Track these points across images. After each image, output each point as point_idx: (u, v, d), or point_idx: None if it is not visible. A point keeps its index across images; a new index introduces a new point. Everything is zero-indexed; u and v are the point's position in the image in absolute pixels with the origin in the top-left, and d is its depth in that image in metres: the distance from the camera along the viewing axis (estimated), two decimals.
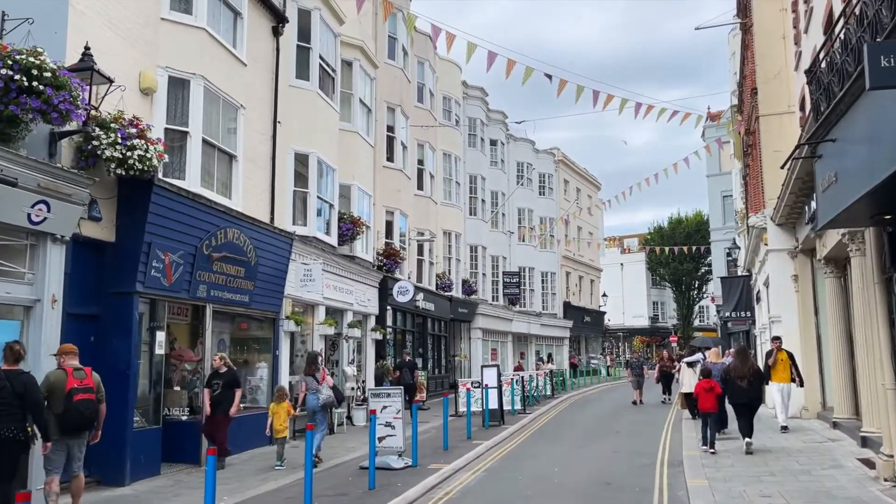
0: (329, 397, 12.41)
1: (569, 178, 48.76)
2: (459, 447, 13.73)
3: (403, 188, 24.25)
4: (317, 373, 12.99)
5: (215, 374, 11.67)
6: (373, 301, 21.12)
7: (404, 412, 11.95)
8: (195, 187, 11.80)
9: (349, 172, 19.48)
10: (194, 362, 12.89)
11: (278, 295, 14.94)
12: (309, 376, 12.64)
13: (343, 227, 18.28)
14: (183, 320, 12.97)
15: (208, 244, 11.98)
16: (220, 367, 11.60)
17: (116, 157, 9.53)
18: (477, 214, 34.64)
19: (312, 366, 12.78)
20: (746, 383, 12.08)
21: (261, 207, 14.77)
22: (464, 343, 33.33)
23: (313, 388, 12.61)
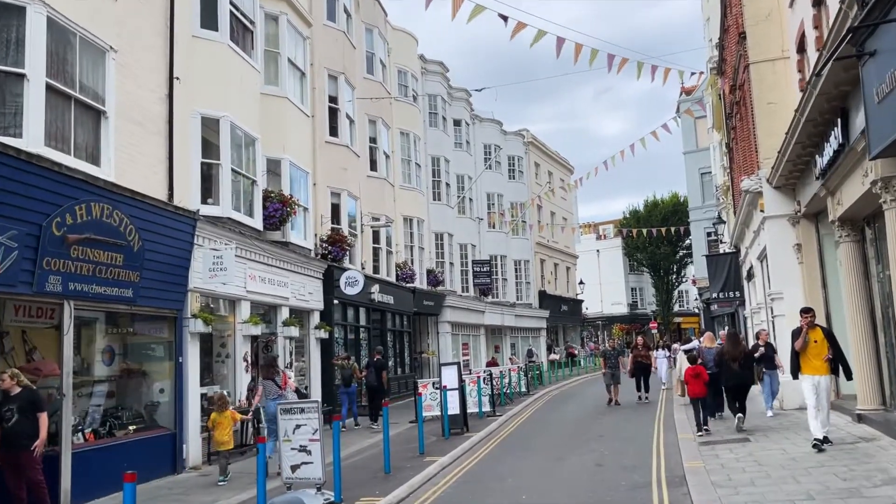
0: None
1: (540, 161, 46.22)
2: (405, 468, 11.03)
3: (351, 167, 21.45)
4: (276, 377, 11.87)
5: (5, 399, 8.51)
6: (315, 294, 18.33)
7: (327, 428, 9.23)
8: (37, 147, 8.94)
9: (278, 144, 16.67)
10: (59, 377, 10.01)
11: (179, 289, 12.11)
12: (268, 380, 11.80)
13: (270, 207, 15.47)
14: (45, 324, 10.09)
15: (60, 222, 9.14)
16: (10, 388, 8.42)
17: None
18: (441, 199, 31.95)
19: (271, 369, 11.99)
20: (738, 366, 12.58)
21: (153, 181, 11.92)
22: (431, 338, 30.64)
23: (274, 393, 11.62)
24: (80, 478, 9.48)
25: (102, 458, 10.12)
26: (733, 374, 12.57)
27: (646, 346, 21.23)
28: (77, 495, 9.32)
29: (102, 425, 10.80)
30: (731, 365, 12.57)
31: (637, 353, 20.48)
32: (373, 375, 17.56)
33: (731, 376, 12.64)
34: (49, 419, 9.55)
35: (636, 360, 20.32)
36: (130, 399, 11.79)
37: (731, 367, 12.57)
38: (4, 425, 8.45)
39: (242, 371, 14.26)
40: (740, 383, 12.65)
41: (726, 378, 12.77)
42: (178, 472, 11.78)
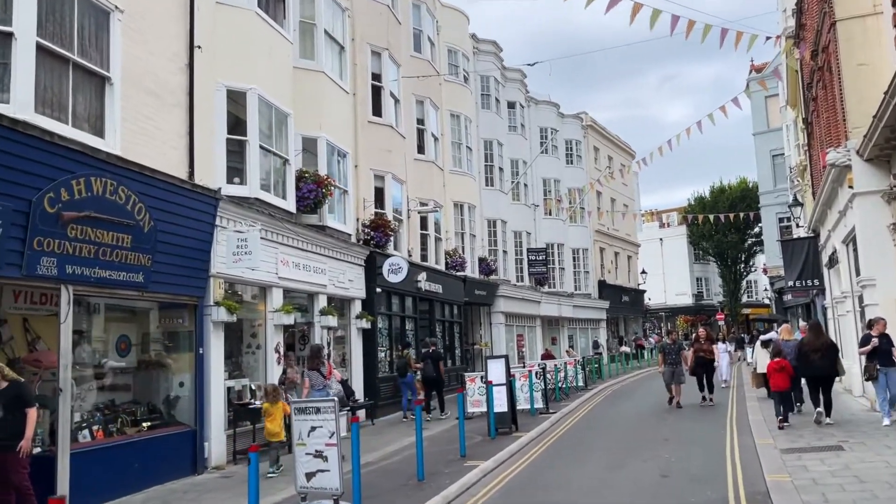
0: (340, 392, 11.41)
1: (599, 144, 44.30)
2: (442, 474, 9.82)
3: (396, 149, 20.31)
4: (322, 367, 11.48)
5: None
6: (357, 282, 17.28)
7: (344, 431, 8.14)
8: (24, 114, 8.02)
9: (314, 122, 15.63)
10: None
11: (199, 274, 11.16)
12: (313, 371, 11.42)
13: (304, 188, 14.44)
14: (49, 311, 9.23)
15: (54, 198, 8.23)
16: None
17: None
18: (494, 184, 30.58)
19: (316, 359, 11.63)
20: (819, 356, 11.98)
21: (172, 157, 10.99)
22: (483, 329, 29.38)
23: (319, 384, 11.29)
24: (82, 481, 8.59)
25: (109, 459, 9.24)
26: (814, 365, 11.99)
27: (709, 339, 18.50)
28: (77, 501, 8.42)
29: (113, 422, 9.93)
30: (811, 356, 12.01)
31: (699, 346, 17.74)
32: (430, 367, 17.05)
33: (811, 367, 12.05)
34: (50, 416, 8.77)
35: (697, 354, 17.62)
36: (147, 393, 10.93)
37: (810, 358, 12.01)
38: None
39: (274, 363, 13.29)
40: (821, 374, 12.03)
41: (805, 369, 12.22)
42: (199, 473, 10.87)
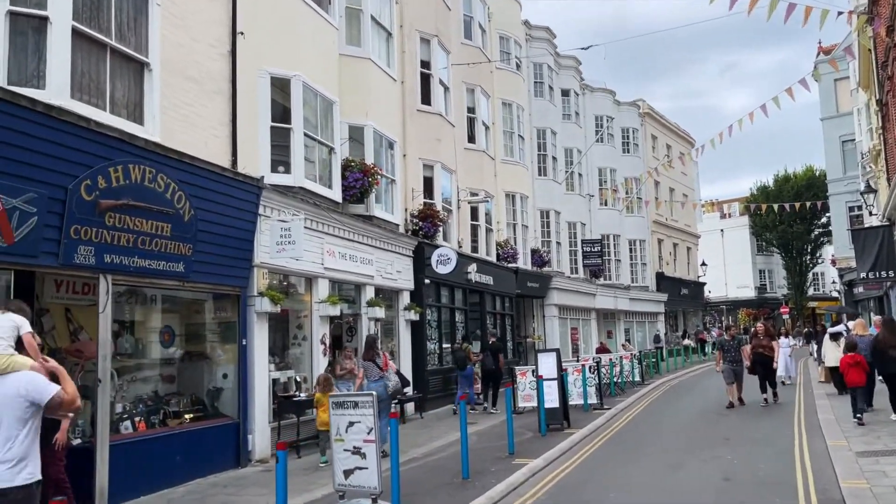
0: (397, 384, 11.24)
1: (657, 133, 43.05)
2: (488, 472, 9.39)
3: (446, 138, 19.90)
4: (377, 358, 11.22)
5: None
6: (405, 273, 16.97)
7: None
8: (60, 99, 7.89)
9: (360, 110, 15.33)
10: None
11: (242, 264, 10.97)
12: (368, 362, 11.15)
13: (349, 177, 14.15)
14: (90, 301, 9.13)
15: (91, 186, 8.08)
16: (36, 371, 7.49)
17: None
18: (547, 174, 29.91)
19: (371, 350, 11.30)
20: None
21: (214, 145, 10.82)
22: (536, 322, 28.78)
23: (375, 375, 11.00)
24: (123, 473, 8.45)
25: (150, 451, 9.11)
26: (891, 361, 11.36)
27: (768, 335, 16.61)
28: (116, 493, 8.31)
29: (156, 413, 9.82)
30: (888, 353, 11.40)
31: (757, 342, 16.14)
32: (489, 359, 16.98)
33: (888, 364, 11.41)
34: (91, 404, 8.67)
35: (756, 351, 16.06)
36: (190, 384, 10.82)
37: (887, 355, 11.40)
38: None
39: (320, 354, 13.07)
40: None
41: (882, 366, 11.63)
42: (242, 466, 10.70)
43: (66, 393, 4.34)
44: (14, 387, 4.26)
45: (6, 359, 4.41)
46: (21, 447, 4.21)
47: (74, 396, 4.43)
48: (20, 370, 4.39)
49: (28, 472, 4.20)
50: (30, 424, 4.27)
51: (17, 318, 4.85)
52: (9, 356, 4.45)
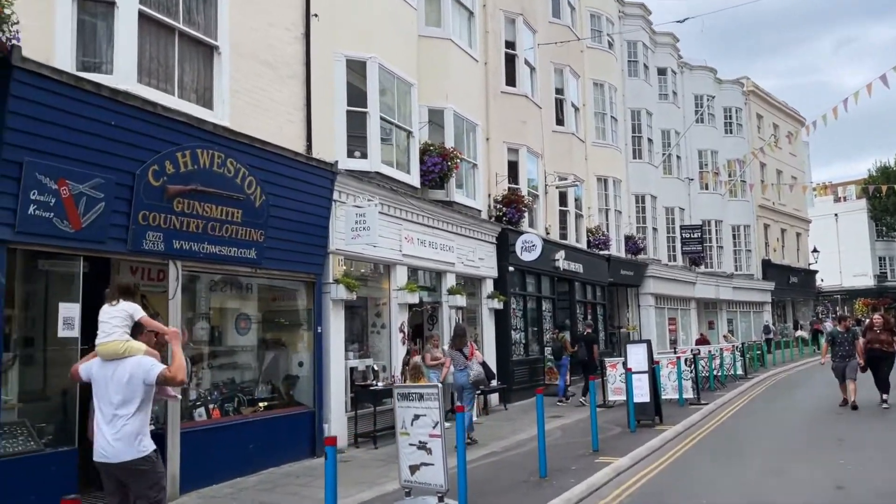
0: (479, 374, 11.29)
1: (763, 112, 40.53)
2: (568, 471, 8.79)
3: (532, 120, 19.21)
4: (464, 347, 11.45)
5: None
6: (488, 260, 16.47)
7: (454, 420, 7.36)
8: (127, 84, 7.83)
9: (440, 93, 14.90)
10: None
11: (316, 250, 10.78)
12: (456, 351, 11.43)
13: (428, 161, 13.76)
14: (165, 288, 9.15)
15: (158, 171, 8.02)
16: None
17: None
18: (642, 157, 28.60)
19: (460, 339, 11.57)
20: None
21: (288, 130, 10.65)
22: (631, 312, 27.65)
23: (460, 364, 11.32)
24: (195, 460, 8.41)
25: (223, 439, 9.05)
26: None
27: (886, 328, 14.28)
28: (188, 480, 8.28)
29: (230, 401, 9.77)
30: None
31: (872, 336, 14.12)
32: (583, 350, 16.58)
33: None
34: None
35: (871, 346, 14.09)
36: (266, 372, 10.74)
37: None
38: None
39: (398, 343, 12.80)
40: None
41: None
42: (318, 456, 10.52)
43: (169, 370, 4.77)
44: (128, 370, 4.74)
45: (123, 344, 4.82)
46: (136, 423, 4.72)
47: (177, 372, 4.80)
48: (135, 355, 4.81)
49: (143, 445, 4.73)
50: (142, 403, 4.76)
51: (128, 307, 5.08)
52: (125, 342, 4.84)
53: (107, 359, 4.80)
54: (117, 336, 4.82)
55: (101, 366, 4.81)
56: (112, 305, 5.00)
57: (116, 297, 5.06)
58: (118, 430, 4.67)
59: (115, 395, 4.72)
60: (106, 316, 4.92)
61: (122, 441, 4.67)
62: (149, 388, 4.78)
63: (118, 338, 4.82)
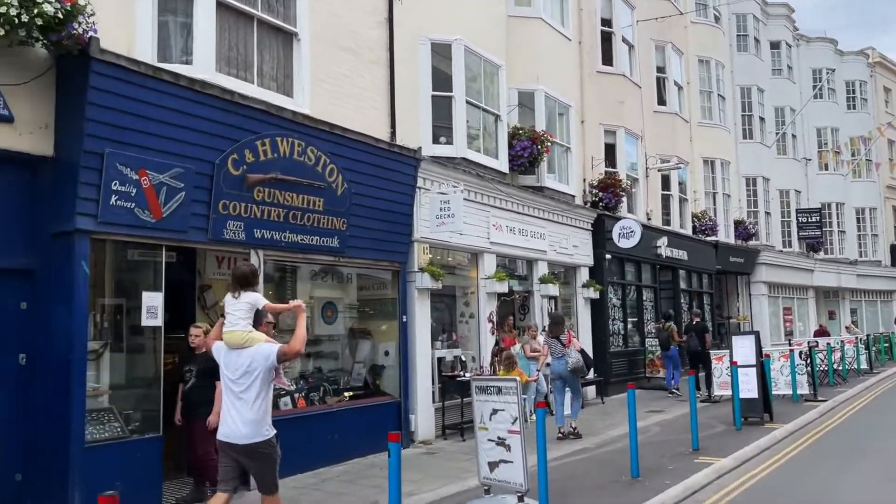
0: (578, 361, 10.81)
1: (891, 84, 37.32)
2: (664, 471, 8.20)
3: (630, 100, 18.34)
4: (561, 335, 11.01)
5: (190, 358, 7.70)
6: (582, 248, 15.85)
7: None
8: (205, 73, 7.85)
9: (530, 74, 14.38)
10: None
11: (400, 238, 10.60)
12: (553, 339, 11.03)
13: (517, 146, 13.31)
14: None
15: (238, 160, 8.02)
16: (199, 346, 7.51)
17: None
18: (753, 137, 26.89)
19: (556, 327, 11.10)
20: None
21: (372, 117, 10.51)
22: (741, 301, 26.12)
23: (558, 352, 10.94)
24: None
25: (308, 428, 8.99)
26: None
27: None
28: None
29: (316, 390, 9.75)
30: None
31: None
32: (695, 340, 15.77)
33: None
34: None
35: None
36: (352, 362, 10.67)
37: None
38: (184, 388, 7.64)
39: (487, 333, 12.47)
40: None
41: None
42: (404, 447, 10.33)
43: (286, 345, 5.13)
44: (250, 357, 5.06)
45: (245, 335, 5.12)
46: (259, 408, 5.04)
47: (294, 343, 5.11)
48: (256, 344, 5.11)
49: (265, 429, 5.06)
50: (264, 388, 5.08)
51: (250, 297, 5.27)
52: (247, 333, 5.14)
53: (231, 347, 5.15)
54: (240, 327, 5.13)
55: (227, 352, 5.18)
56: (235, 297, 5.24)
57: (237, 289, 5.27)
58: (243, 413, 4.99)
59: (239, 381, 5.06)
60: (230, 307, 5.22)
61: (248, 425, 4.98)
62: (270, 370, 5.10)
63: (241, 329, 5.12)
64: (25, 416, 6.57)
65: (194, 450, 7.40)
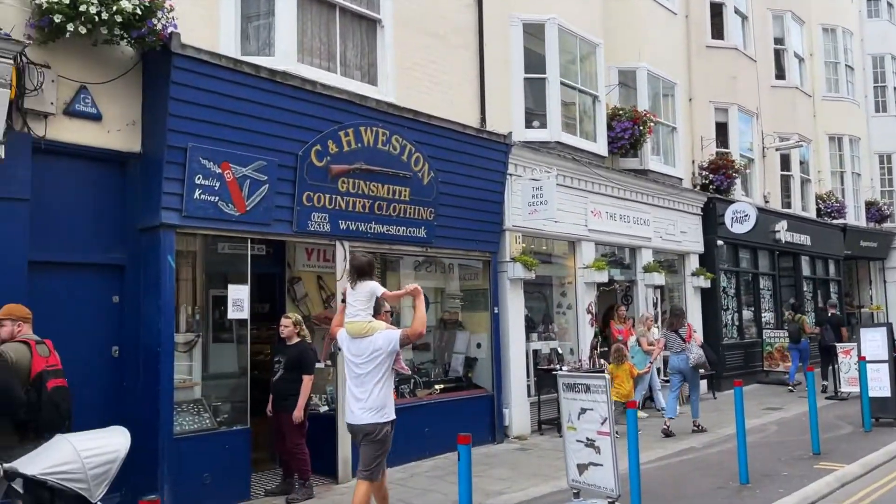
0: (700, 357, 10.45)
1: None
2: (778, 478, 7.47)
3: (744, 75, 17.10)
4: (681, 329, 10.72)
5: (281, 348, 7.64)
6: (691, 234, 14.93)
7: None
8: (287, 64, 7.79)
9: (631, 51, 13.62)
10: None
11: (490, 227, 10.26)
12: (672, 332, 10.78)
13: (617, 127, 12.63)
14: None
15: (321, 151, 7.93)
16: (289, 337, 7.48)
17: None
18: (888, 110, 24.55)
19: (677, 320, 10.90)
20: None
21: (460, 103, 10.21)
22: (874, 289, 24.02)
23: (677, 346, 10.65)
24: None
25: (398, 422, 8.76)
26: None
27: None
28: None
29: (406, 382, 9.59)
30: None
31: None
32: (830, 334, 14.62)
33: None
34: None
35: None
36: (443, 354, 10.47)
37: None
38: (273, 379, 7.66)
39: (586, 324, 11.95)
40: None
41: None
42: (498, 442, 10.09)
43: (408, 329, 5.45)
44: (372, 345, 5.31)
45: (365, 325, 5.36)
46: (380, 392, 5.31)
47: (416, 326, 5.44)
48: (376, 332, 5.35)
49: (384, 413, 5.36)
50: (385, 374, 5.35)
51: (368, 286, 5.43)
52: (367, 322, 5.37)
53: (353, 336, 5.39)
54: (361, 318, 5.35)
55: (350, 341, 5.42)
56: (354, 288, 5.43)
57: (355, 279, 5.46)
58: (366, 397, 5.29)
59: (362, 366, 5.31)
60: (350, 298, 5.44)
61: (369, 410, 5.29)
62: (391, 355, 5.35)
63: (361, 319, 5.35)
64: (119, 408, 6.73)
65: (283, 441, 7.40)
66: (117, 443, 4.71)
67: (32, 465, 4.38)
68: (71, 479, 4.37)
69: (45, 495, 4.38)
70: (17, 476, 4.35)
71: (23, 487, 4.38)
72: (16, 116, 6.04)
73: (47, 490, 4.35)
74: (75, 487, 4.38)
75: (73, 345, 6.39)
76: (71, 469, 4.38)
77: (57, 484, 4.33)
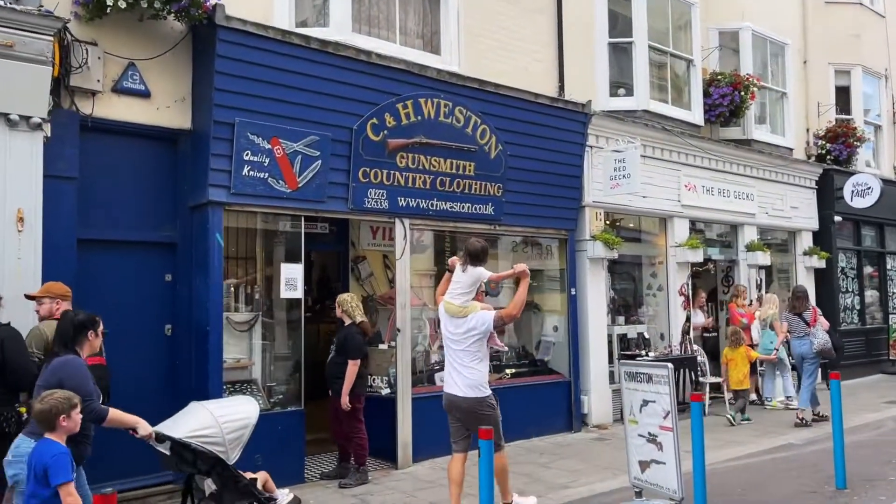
0: (826, 342, 9.70)
1: None
2: (879, 485, 6.53)
3: (869, 33, 15.35)
4: (805, 312, 9.97)
5: (337, 330, 7.41)
6: (804, 209, 13.59)
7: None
8: (342, 35, 7.50)
9: (734, 10, 12.46)
10: (419, 307, 8.75)
11: (567, 203, 9.62)
12: (794, 316, 10.03)
13: (715, 93, 11.57)
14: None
15: (377, 125, 7.61)
16: (342, 317, 7.22)
17: None
18: None
19: (801, 302, 10.09)
20: None
21: (536, 71, 9.62)
22: None
23: (800, 331, 9.93)
24: (427, 428, 7.85)
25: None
26: None
27: None
28: (421, 448, 7.88)
29: None
30: None
31: None
32: None
33: None
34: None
35: None
36: (517, 337, 9.97)
37: None
38: (328, 363, 7.48)
39: (678, 307, 11.09)
40: None
41: None
42: (574, 431, 9.53)
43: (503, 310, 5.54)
44: (467, 325, 5.44)
45: (460, 308, 5.49)
46: (476, 368, 5.46)
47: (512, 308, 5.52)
48: (470, 314, 5.45)
49: (481, 390, 5.47)
50: (480, 351, 5.48)
51: (476, 272, 5.54)
52: (462, 307, 5.49)
53: (451, 315, 5.53)
54: (460, 302, 5.49)
55: (447, 318, 5.57)
56: (463, 271, 5.54)
57: (466, 263, 5.54)
58: (462, 373, 5.45)
59: (459, 342, 5.48)
60: (456, 277, 5.59)
61: (466, 384, 5.43)
62: (486, 334, 5.44)
63: (461, 303, 5.49)
64: (173, 387, 6.74)
65: (340, 424, 7.21)
66: (249, 409, 5.10)
67: (177, 428, 4.76)
68: (211, 442, 4.74)
69: (188, 457, 4.78)
70: (166, 439, 4.69)
71: (169, 449, 4.75)
72: (63, 95, 6.08)
73: (190, 452, 4.73)
74: (215, 450, 4.75)
75: (127, 323, 6.47)
76: (211, 433, 4.76)
77: (199, 446, 4.71)
